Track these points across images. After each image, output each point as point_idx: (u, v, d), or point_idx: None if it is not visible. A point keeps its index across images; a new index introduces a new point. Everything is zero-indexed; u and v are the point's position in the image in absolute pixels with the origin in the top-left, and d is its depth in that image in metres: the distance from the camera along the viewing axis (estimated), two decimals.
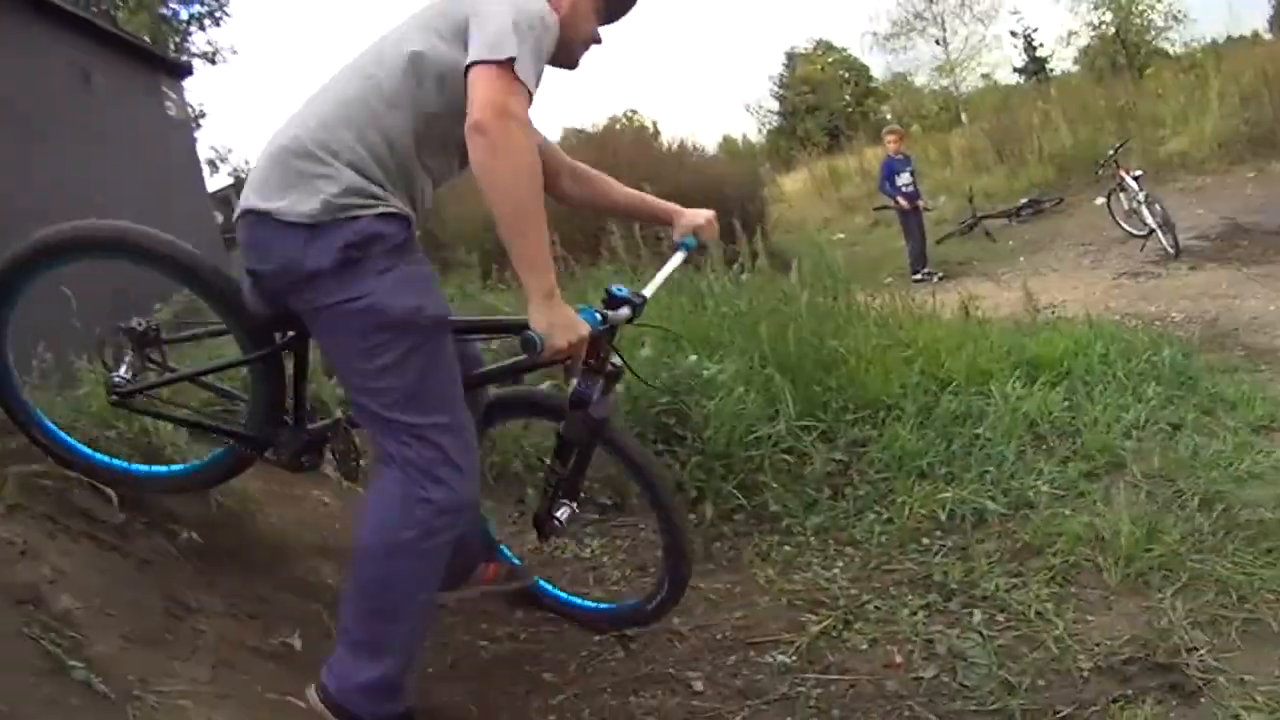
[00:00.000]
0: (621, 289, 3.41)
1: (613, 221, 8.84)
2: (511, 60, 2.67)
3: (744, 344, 5.98)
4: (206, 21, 26.40)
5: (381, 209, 2.85)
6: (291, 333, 3.34)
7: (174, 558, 3.59)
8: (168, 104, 13.05)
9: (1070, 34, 42.16)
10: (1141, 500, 4.76)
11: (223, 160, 19.63)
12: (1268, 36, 32.89)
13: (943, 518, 4.74)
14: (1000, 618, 3.94)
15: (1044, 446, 5.43)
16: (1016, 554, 4.39)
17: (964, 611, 3.98)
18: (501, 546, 4.19)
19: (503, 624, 4.04)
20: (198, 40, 26.28)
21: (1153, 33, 39.29)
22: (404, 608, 3.00)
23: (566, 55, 3.23)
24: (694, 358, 5.51)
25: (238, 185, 15.49)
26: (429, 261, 3.13)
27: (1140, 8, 39.06)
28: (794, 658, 3.80)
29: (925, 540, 4.61)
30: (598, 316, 3.17)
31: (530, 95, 2.73)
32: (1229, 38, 31.05)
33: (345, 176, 2.80)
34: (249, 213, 2.89)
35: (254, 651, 3.28)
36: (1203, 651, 3.55)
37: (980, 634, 3.81)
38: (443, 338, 3.01)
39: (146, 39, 17.73)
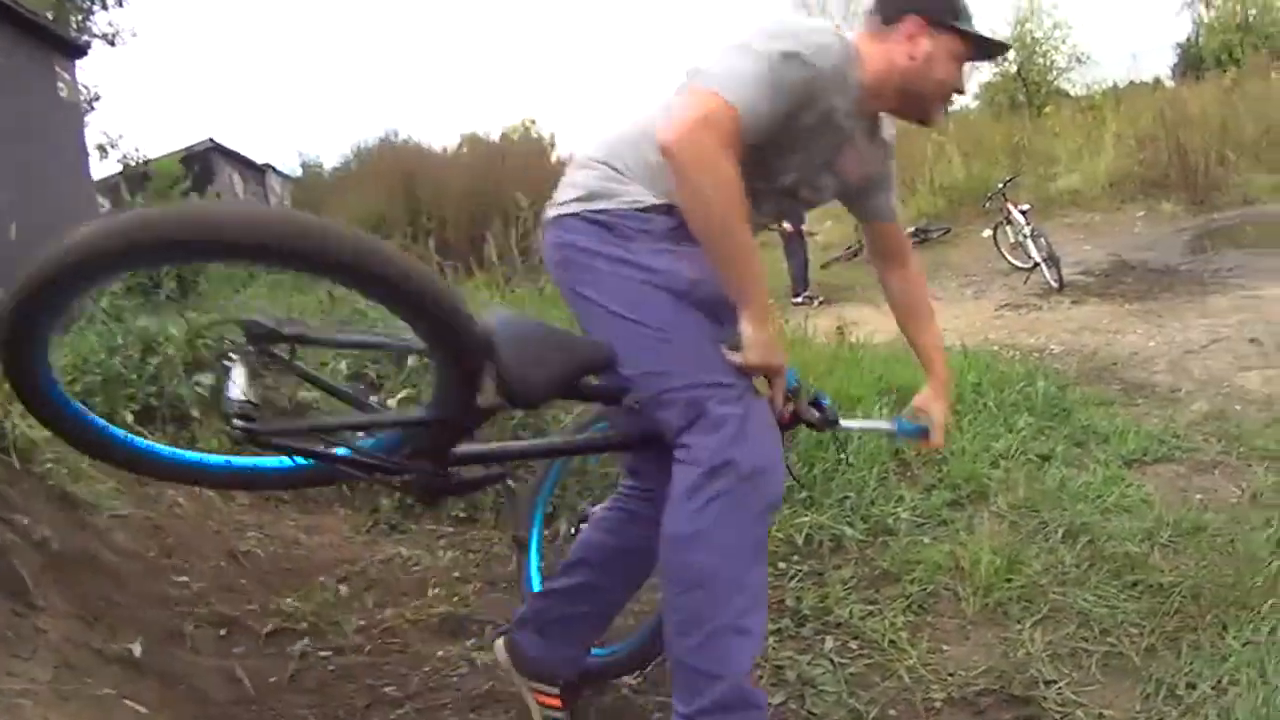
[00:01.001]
0: (824, 396, 3.36)
1: (490, 230, 8.79)
2: (719, 80, 2.64)
3: None
4: (110, 1, 25.81)
5: None
6: None
7: (23, 554, 3.44)
8: (59, 84, 12.80)
9: (972, 69, 42.79)
10: (1005, 530, 4.79)
11: (113, 146, 19.23)
12: (1170, 83, 33.72)
13: (800, 542, 4.70)
14: (853, 645, 3.89)
15: (908, 474, 5.44)
16: (874, 581, 4.36)
17: (816, 638, 3.93)
18: None
19: (348, 636, 3.92)
20: (99, 20, 25.68)
21: (1054, 73, 40.00)
22: None
23: (919, 108, 3.11)
24: None
25: (126, 172, 15.19)
26: None
27: (1044, 48, 39.75)
28: (640, 680, 3.72)
29: (781, 565, 4.54)
30: (795, 375, 3.13)
31: (740, 119, 2.62)
32: (1131, 82, 31.67)
33: None
34: None
35: (97, 654, 3.18)
36: (1061, 684, 3.54)
37: (831, 661, 3.75)
38: None
39: (49, 15, 17.34)
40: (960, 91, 3.13)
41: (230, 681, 3.46)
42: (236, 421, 2.53)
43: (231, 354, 2.65)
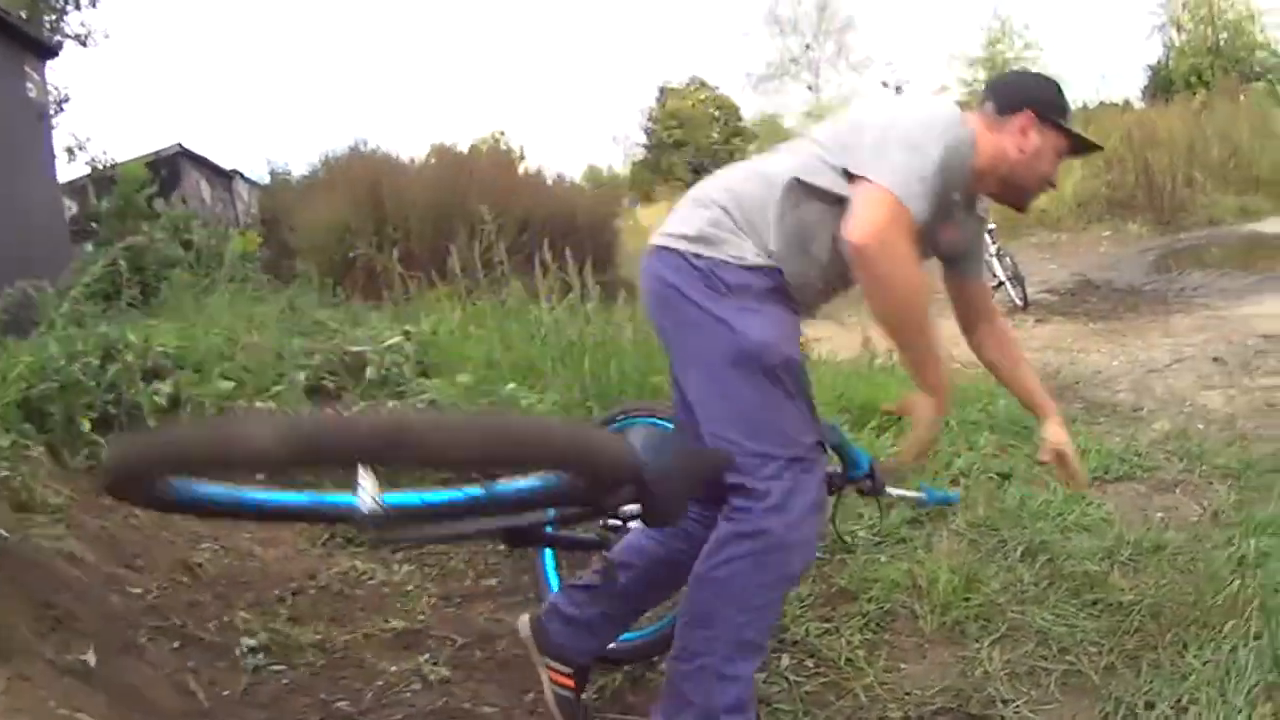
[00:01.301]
0: (874, 462, 3.85)
1: (455, 242, 8.78)
2: (896, 183, 2.80)
3: (568, 375, 5.96)
4: (84, 1, 25.56)
5: None
6: None
7: None
8: (28, 85, 12.70)
9: (942, 89, 43.09)
10: (964, 549, 4.74)
11: (81, 149, 19.10)
12: (1139, 105, 33.96)
13: None
14: (809, 663, 3.87)
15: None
16: (831, 599, 4.33)
17: (772, 656, 3.86)
18: None
19: (300, 652, 3.88)
20: (72, 20, 25.44)
21: None
22: None
23: (1017, 196, 3.34)
24: (512, 386, 5.46)
25: (94, 175, 15.11)
26: None
27: (1014, 69, 40.07)
28: (594, 697, 3.71)
29: None
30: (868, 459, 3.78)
31: (913, 219, 2.82)
32: (1101, 103, 31.86)
33: None
34: None
35: (50, 665, 3.14)
36: (1019, 703, 3.52)
37: (787, 679, 3.73)
38: None
39: (22, 14, 17.20)
40: (1054, 186, 3.39)
41: (183, 694, 3.43)
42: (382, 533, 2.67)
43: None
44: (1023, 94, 3.33)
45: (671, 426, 3.56)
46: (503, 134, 41.88)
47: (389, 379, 5.88)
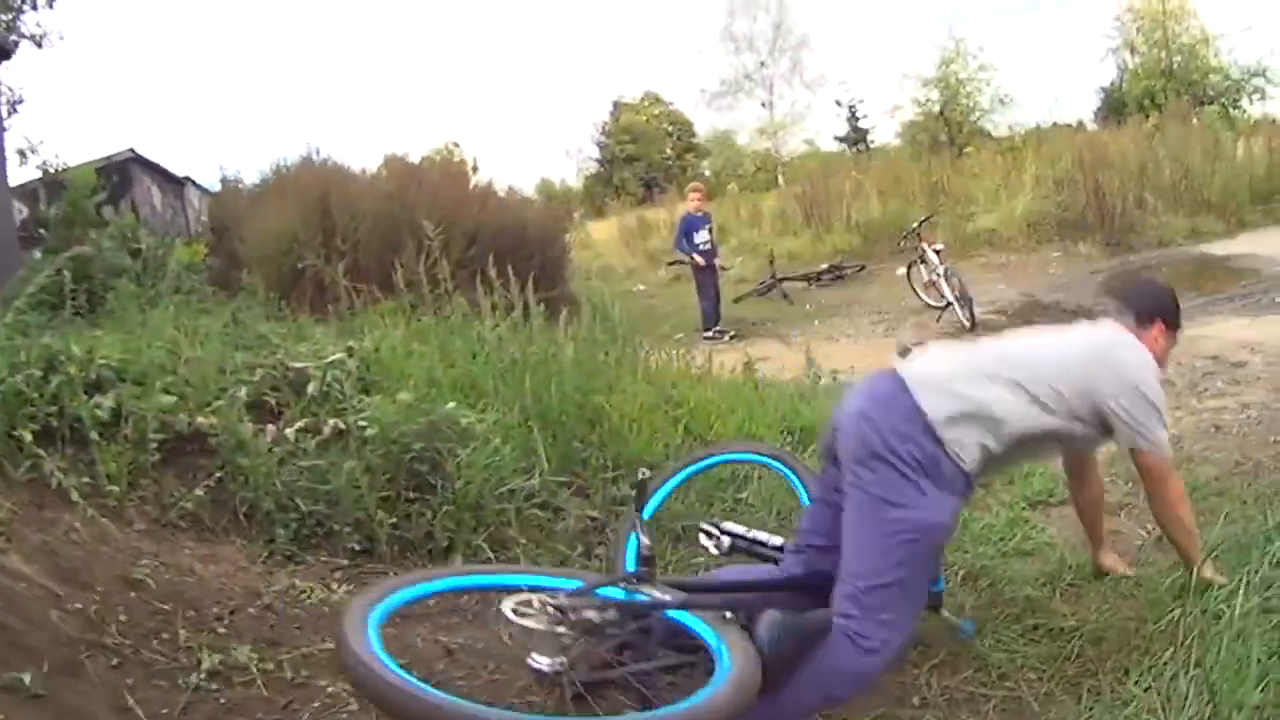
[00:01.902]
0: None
1: (400, 256, 8.78)
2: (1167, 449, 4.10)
3: (509, 394, 6.01)
4: (40, 1, 25.18)
5: None
6: None
7: None
8: None
9: (895, 108, 43.25)
10: None
11: (33, 151, 18.89)
12: (1092, 126, 34.23)
13: None
14: None
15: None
16: None
17: None
18: None
19: (239, 671, 3.87)
20: (28, 20, 25.07)
21: (977, 114, 40.45)
22: None
23: None
24: (452, 405, 5.48)
25: (45, 179, 14.99)
26: None
27: (968, 89, 40.20)
28: None
29: None
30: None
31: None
32: (1054, 124, 32.05)
33: None
34: None
35: None
36: None
37: None
38: None
39: None
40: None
41: (121, 712, 3.43)
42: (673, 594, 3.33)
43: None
44: (1156, 307, 4.51)
45: (776, 465, 4.78)
46: (456, 145, 41.81)
47: (330, 396, 5.87)
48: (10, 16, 24.03)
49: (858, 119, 46.14)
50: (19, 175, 15.49)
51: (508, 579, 3.57)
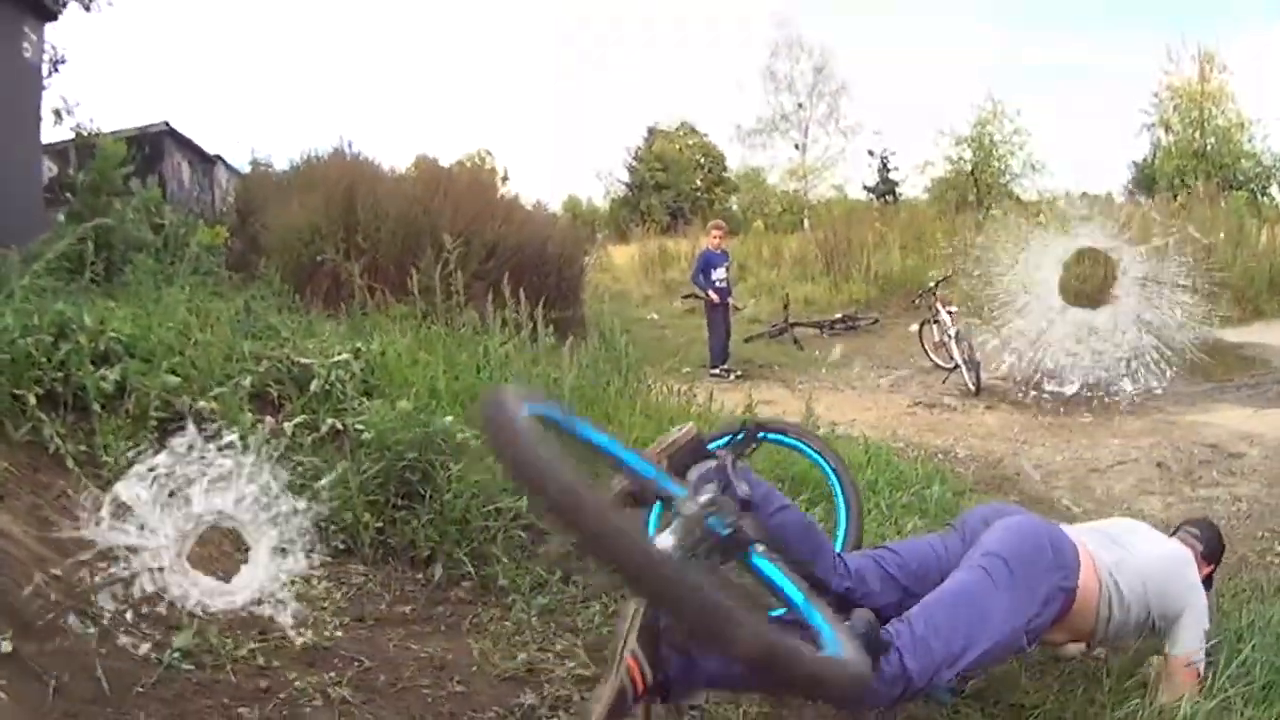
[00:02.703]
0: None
1: (419, 262, 8.82)
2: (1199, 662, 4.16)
3: None
4: None
5: None
6: None
7: None
8: (25, 45, 12.67)
9: (926, 164, 43.19)
10: None
11: (69, 113, 18.88)
12: (1120, 199, 34.30)
13: None
14: None
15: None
16: None
17: (667, 717, 3.90)
18: None
19: (211, 653, 3.92)
20: None
21: (1008, 177, 40.44)
22: None
23: None
24: (450, 419, 5.54)
25: (77, 141, 15.06)
26: None
27: (1000, 152, 40.20)
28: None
29: None
30: None
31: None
32: (1084, 194, 32.08)
33: None
34: None
35: None
36: None
37: None
38: None
39: None
40: None
41: (89, 679, 3.48)
42: None
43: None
44: (1215, 550, 4.86)
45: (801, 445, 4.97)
46: (489, 154, 41.90)
47: (332, 395, 5.95)
48: None
49: (889, 170, 46.17)
50: (53, 135, 15.54)
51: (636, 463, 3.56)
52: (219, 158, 20.58)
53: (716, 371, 15.46)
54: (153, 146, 16.93)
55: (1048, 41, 65.85)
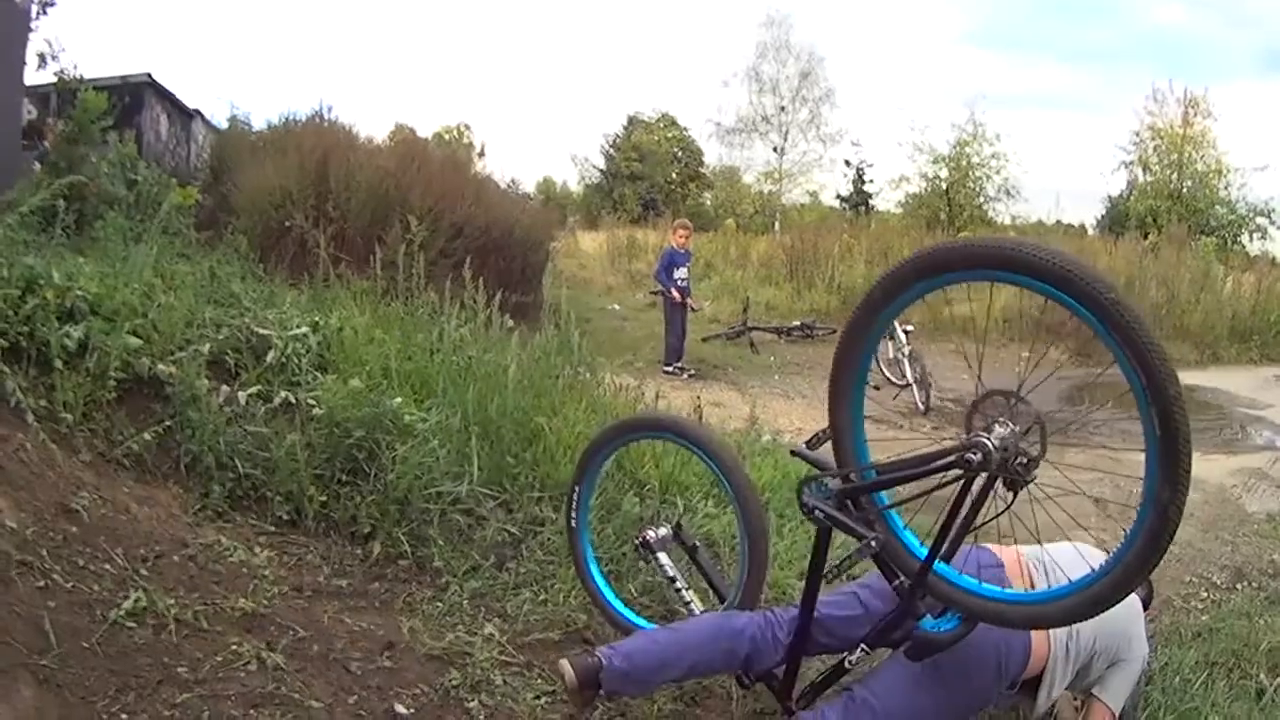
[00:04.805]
0: None
1: (386, 236, 8.88)
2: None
3: (456, 397, 6.16)
4: None
5: None
6: None
7: None
8: None
9: (902, 179, 43.35)
10: None
11: (54, 58, 18.73)
12: (1092, 233, 34.57)
13: (597, 613, 4.87)
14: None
15: (718, 568, 5.45)
16: None
17: (587, 709, 4.08)
18: None
19: (154, 614, 4.04)
20: None
21: (982, 199, 40.68)
22: None
23: None
24: (399, 400, 5.71)
25: (59, 86, 15.03)
26: None
27: (977, 174, 40.43)
28: (411, 710, 3.96)
29: (573, 630, 4.80)
30: None
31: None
32: (1058, 222, 32.27)
33: None
34: None
35: None
36: None
37: None
38: None
39: None
40: None
41: (37, 633, 3.60)
42: None
43: None
44: (1150, 596, 4.94)
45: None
46: (468, 128, 41.83)
47: (287, 367, 6.08)
48: None
49: (864, 182, 46.37)
50: (35, 79, 15.51)
51: None
52: (198, 112, 20.49)
53: (670, 369, 15.49)
54: (133, 97, 16.86)
55: (1033, 67, 66.37)
